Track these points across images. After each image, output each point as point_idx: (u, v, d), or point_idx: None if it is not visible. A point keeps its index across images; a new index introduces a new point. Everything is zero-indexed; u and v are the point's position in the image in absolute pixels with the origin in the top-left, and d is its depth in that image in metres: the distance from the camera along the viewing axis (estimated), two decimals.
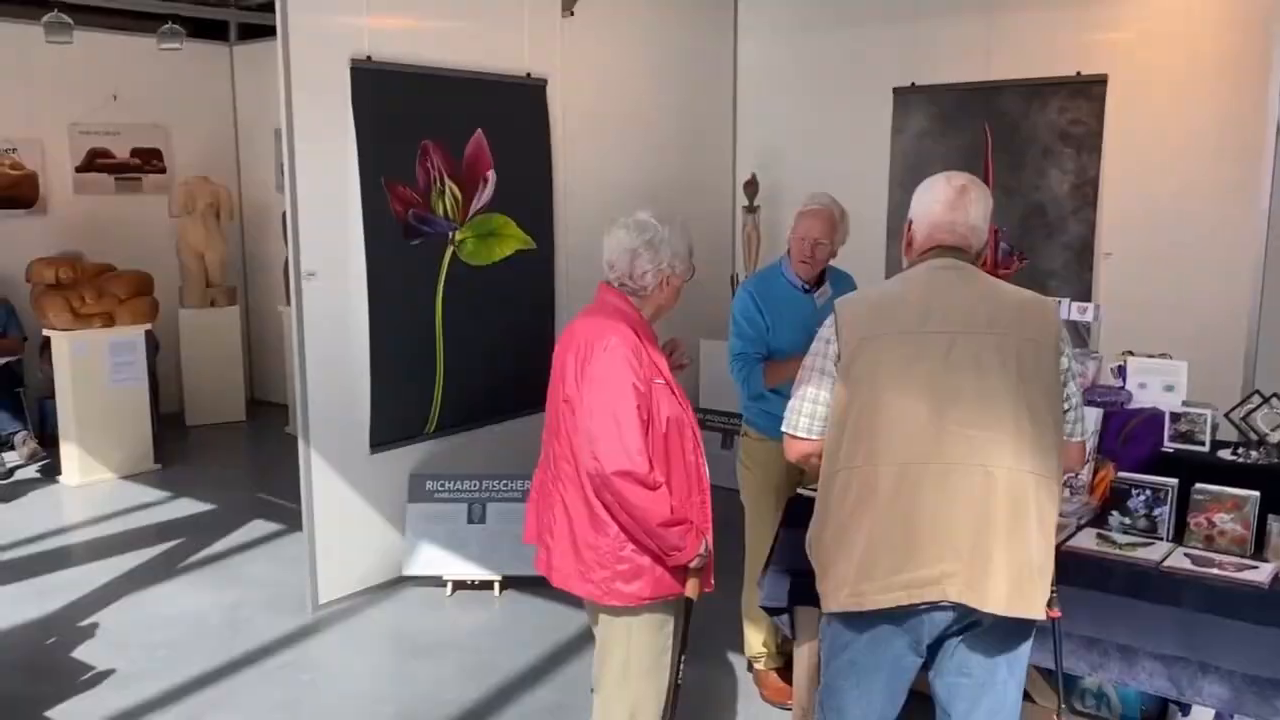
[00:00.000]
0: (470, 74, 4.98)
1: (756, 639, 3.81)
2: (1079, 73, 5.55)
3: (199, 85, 8.11)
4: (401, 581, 4.79)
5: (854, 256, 4.05)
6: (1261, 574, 2.70)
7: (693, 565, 2.66)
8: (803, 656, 3.34)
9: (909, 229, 2.51)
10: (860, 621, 2.37)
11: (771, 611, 3.35)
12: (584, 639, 4.07)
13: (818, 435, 2.43)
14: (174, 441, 7.19)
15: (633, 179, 5.85)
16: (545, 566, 2.82)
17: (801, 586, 3.18)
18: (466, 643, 4.28)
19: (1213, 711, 3.03)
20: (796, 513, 3.26)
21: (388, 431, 4.73)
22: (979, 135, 5.81)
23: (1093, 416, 3.33)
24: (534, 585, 4.53)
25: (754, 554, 3.73)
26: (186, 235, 7.60)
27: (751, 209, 6.39)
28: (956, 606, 2.27)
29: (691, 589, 2.70)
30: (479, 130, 5.01)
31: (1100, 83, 5.50)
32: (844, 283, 3.76)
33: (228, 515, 5.75)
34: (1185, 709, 3.14)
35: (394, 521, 4.78)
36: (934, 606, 2.28)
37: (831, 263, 3.72)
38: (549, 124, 5.42)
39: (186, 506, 5.97)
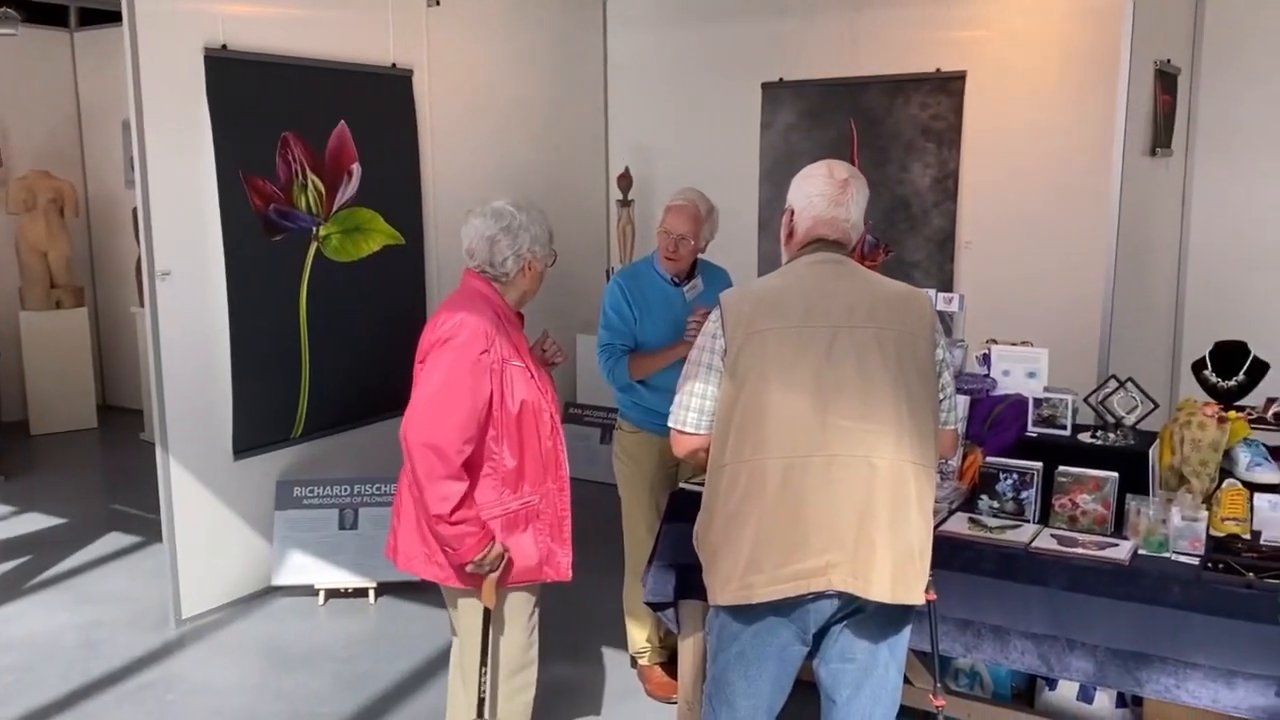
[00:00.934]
0: (333, 64, 4.80)
1: (640, 635, 3.80)
2: (939, 69, 5.72)
3: (37, 74, 7.62)
4: (271, 592, 4.60)
5: (725, 250, 4.08)
6: (1122, 551, 2.82)
7: (481, 571, 2.64)
8: (688, 650, 3.34)
9: (790, 218, 2.52)
10: (748, 614, 2.38)
11: (656, 607, 3.34)
12: None
13: (705, 430, 2.44)
14: (17, 452, 6.75)
15: (504, 172, 5.77)
16: (391, 550, 2.82)
17: (686, 580, 3.19)
18: (341, 653, 4.13)
19: (1077, 684, 3.17)
20: (679, 507, 3.25)
21: (252, 436, 4.54)
22: (845, 130, 5.93)
23: (961, 403, 3.43)
24: (411, 591, 4.42)
25: (634, 549, 3.72)
26: (26, 233, 7.14)
27: (625, 203, 6.38)
28: (841, 595, 2.31)
29: (486, 595, 2.69)
30: (342, 122, 4.84)
31: (959, 79, 5.68)
32: (717, 277, 3.77)
33: (80, 529, 5.43)
34: (1052, 683, 3.26)
35: (261, 530, 4.59)
36: (820, 596, 2.32)
37: (704, 256, 3.73)
38: (416, 116, 5.28)
39: (34, 521, 5.61)
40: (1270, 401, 3.30)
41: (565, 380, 6.32)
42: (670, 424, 2.48)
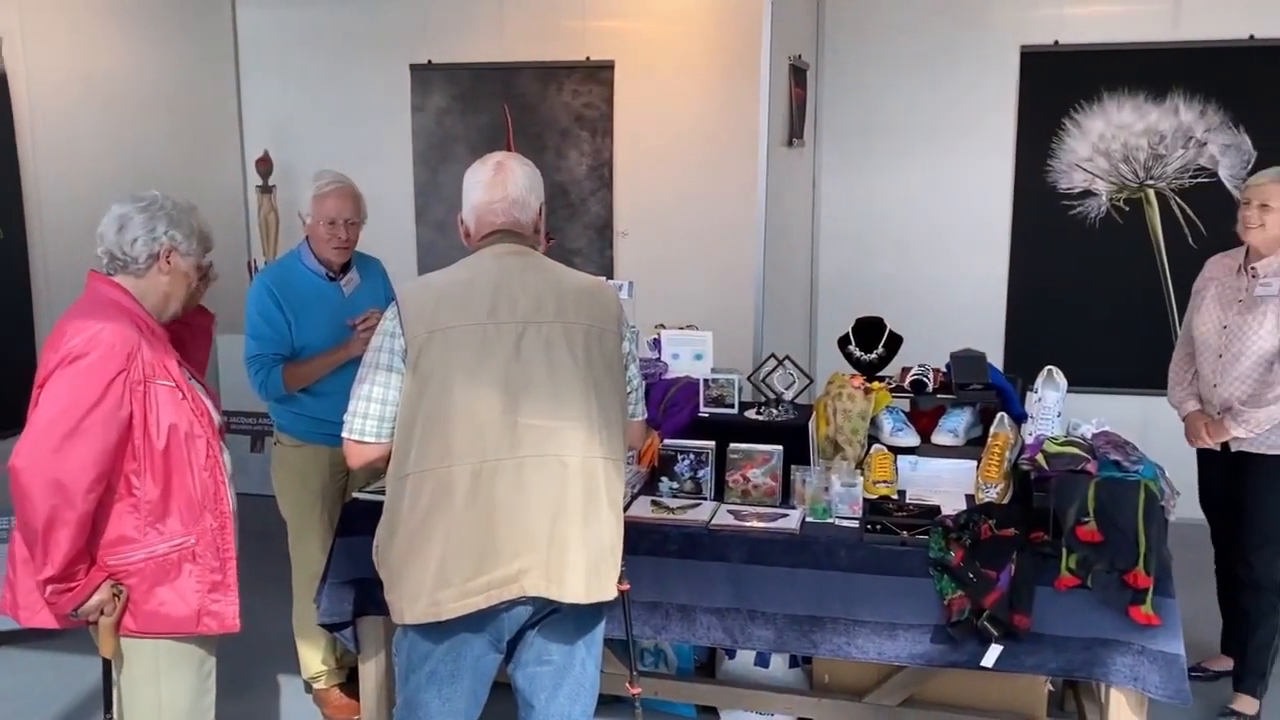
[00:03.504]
0: None
1: (314, 658, 3.51)
2: (588, 57, 5.78)
3: None
4: None
5: (381, 239, 3.86)
6: (792, 521, 2.97)
7: (85, 618, 2.28)
8: (370, 670, 3.13)
9: (461, 221, 2.41)
10: (439, 631, 2.24)
11: (332, 627, 3.09)
12: None
13: (385, 438, 2.25)
14: None
15: (122, 161, 5.12)
16: (9, 605, 2.35)
17: (365, 596, 2.98)
18: None
19: (754, 652, 3.30)
20: (353, 519, 3.03)
21: None
22: (500, 116, 5.85)
23: None
24: (37, 639, 3.82)
25: (303, 569, 3.43)
26: None
27: (266, 189, 5.90)
28: (535, 600, 2.23)
29: (104, 645, 2.32)
30: None
31: (608, 68, 5.78)
32: (372, 268, 3.55)
33: None
34: (732, 653, 3.38)
35: None
36: (513, 603, 2.22)
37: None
38: (9, 97, 4.54)
39: None
40: (905, 371, 3.60)
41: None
42: (344, 434, 2.27)
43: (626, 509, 3.01)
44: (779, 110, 4.55)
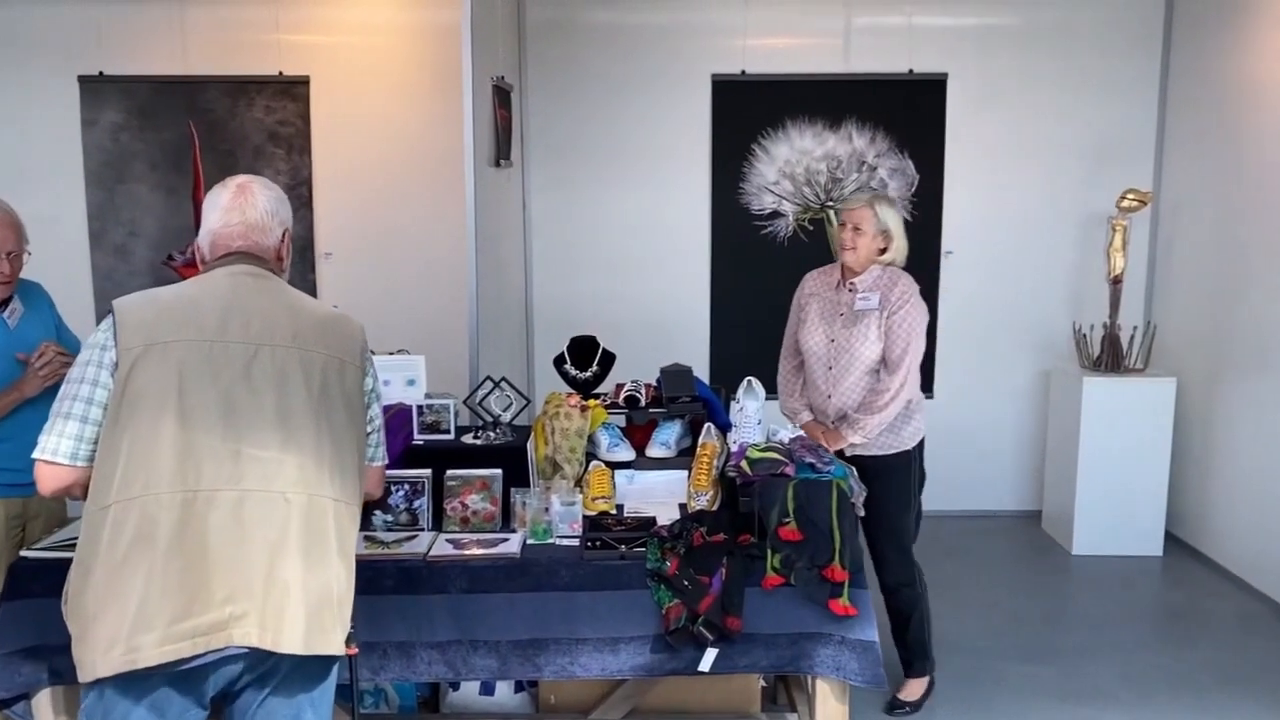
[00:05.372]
0: None
1: None
2: (281, 72, 5.52)
3: None
4: None
5: (50, 267, 3.50)
6: (513, 545, 2.93)
7: None
8: None
9: (196, 247, 2.24)
10: (138, 685, 1.98)
11: (2, 704, 2.73)
12: None
13: (84, 462, 2.01)
14: None
15: None
16: None
17: (41, 666, 2.65)
18: None
19: (479, 681, 3.24)
20: (22, 580, 2.69)
21: None
22: (185, 131, 5.46)
23: None
24: None
25: None
26: None
27: None
28: (250, 652, 2.02)
29: None
30: None
31: (303, 84, 5.54)
32: (35, 293, 3.21)
33: None
34: (456, 684, 3.30)
35: None
36: (222, 653, 2.00)
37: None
38: None
39: None
40: (620, 387, 3.68)
41: None
42: (36, 455, 2.01)
43: None
44: (484, 131, 4.53)
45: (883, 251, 3.60)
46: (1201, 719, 3.71)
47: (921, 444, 3.69)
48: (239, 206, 2.21)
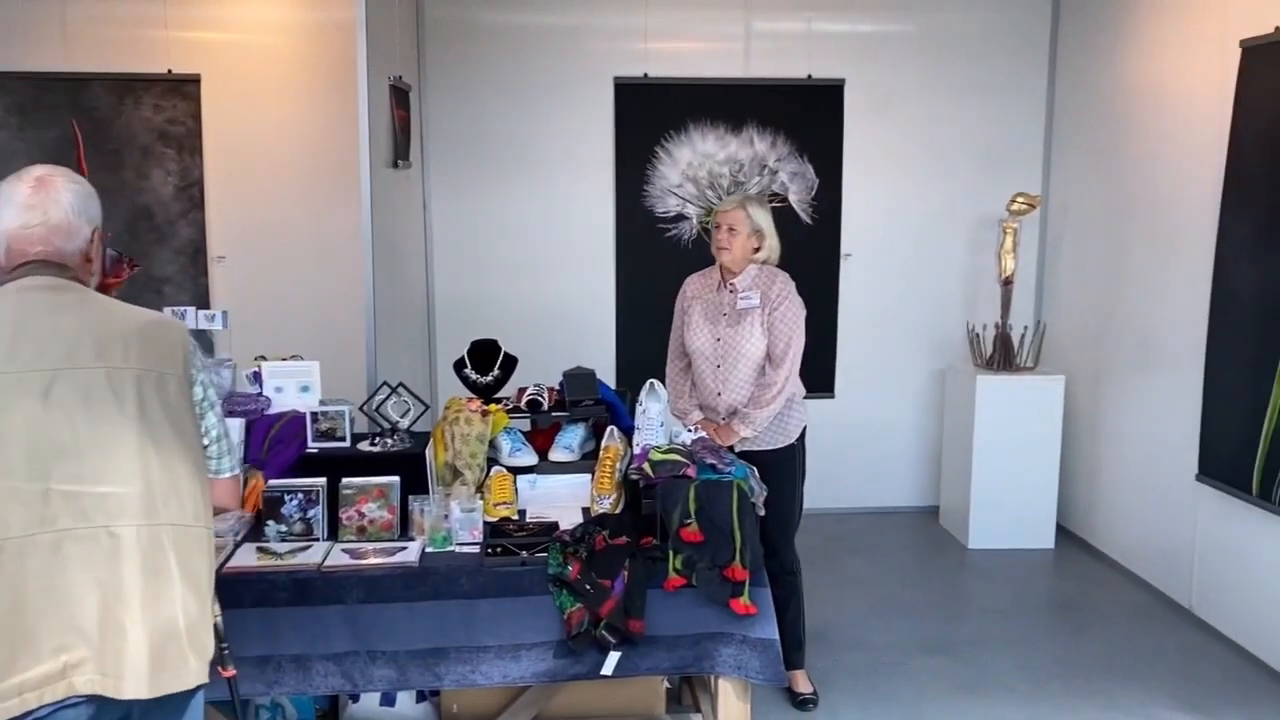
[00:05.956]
0: None
1: None
2: (170, 70, 5.35)
3: None
4: None
5: None
6: (411, 553, 2.88)
7: None
8: None
9: None
10: None
11: None
12: None
13: None
14: None
15: None
16: None
17: None
18: None
19: (379, 693, 3.18)
20: None
21: None
22: (68, 130, 5.24)
23: (236, 427, 3.22)
24: None
25: None
26: None
27: None
28: (92, 699, 1.87)
29: None
30: None
31: (194, 82, 5.38)
32: None
33: None
34: (356, 696, 3.24)
35: None
36: (61, 706, 1.85)
37: None
38: None
39: None
40: (522, 391, 3.65)
41: None
42: None
43: (228, 560, 2.82)
44: (381, 131, 4.45)
45: (757, 250, 3.68)
46: (1092, 705, 3.84)
47: (803, 435, 3.75)
48: (39, 205, 2.02)
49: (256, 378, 3.49)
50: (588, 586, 2.79)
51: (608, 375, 5.63)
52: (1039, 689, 3.96)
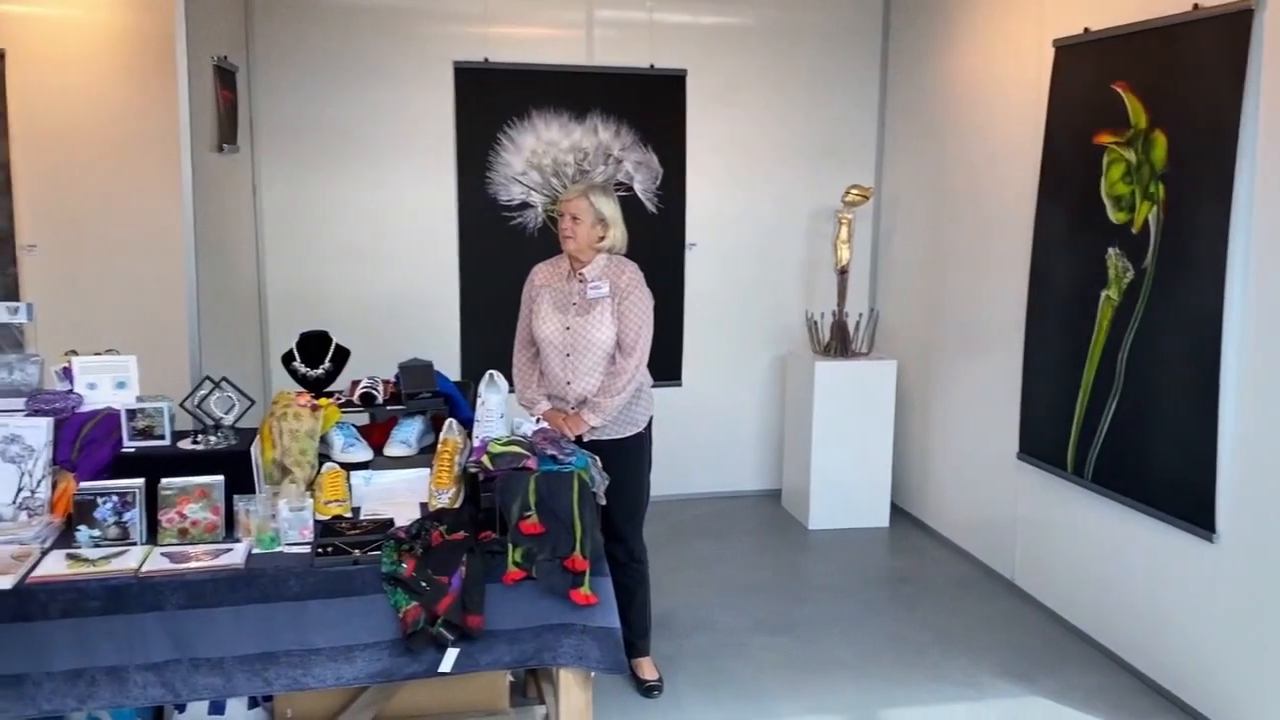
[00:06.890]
0: None
1: None
2: None
3: None
4: None
5: None
6: (237, 555, 2.76)
7: None
8: None
9: None
10: None
11: None
12: None
13: None
14: None
15: None
16: None
17: None
18: None
19: (207, 702, 3.05)
20: None
21: None
22: None
23: (43, 426, 3.02)
24: None
25: None
26: None
27: None
28: None
29: None
30: None
31: None
32: None
33: None
34: (181, 706, 3.09)
35: None
36: None
37: None
38: None
39: None
40: (355, 384, 3.54)
41: None
42: None
43: (33, 569, 2.64)
44: (204, 113, 4.24)
45: (601, 239, 3.67)
46: (921, 676, 4.01)
47: (650, 425, 3.79)
48: None
49: (67, 374, 3.27)
50: (423, 584, 2.73)
51: (452, 367, 5.54)
52: (870, 663, 4.11)
